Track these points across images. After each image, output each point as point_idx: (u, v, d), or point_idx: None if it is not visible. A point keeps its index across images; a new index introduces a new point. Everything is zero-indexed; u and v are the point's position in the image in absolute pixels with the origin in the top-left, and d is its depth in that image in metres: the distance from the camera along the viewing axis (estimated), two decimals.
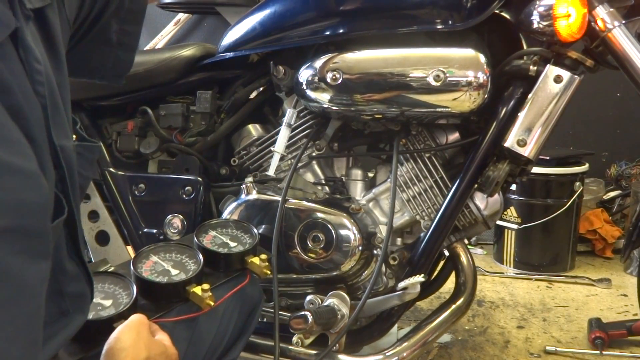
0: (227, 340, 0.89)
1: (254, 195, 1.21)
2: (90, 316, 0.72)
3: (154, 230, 1.33)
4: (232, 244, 0.95)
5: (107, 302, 0.77)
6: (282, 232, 1.16)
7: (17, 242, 0.41)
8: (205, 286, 0.85)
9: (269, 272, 0.94)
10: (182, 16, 3.08)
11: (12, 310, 0.40)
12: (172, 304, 0.85)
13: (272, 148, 1.24)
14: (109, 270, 0.85)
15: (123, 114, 1.39)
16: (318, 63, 1.14)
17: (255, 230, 0.99)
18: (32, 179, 0.43)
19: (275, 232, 1.13)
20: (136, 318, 0.70)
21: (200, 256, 0.90)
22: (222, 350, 0.89)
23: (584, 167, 2.37)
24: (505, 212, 2.39)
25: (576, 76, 1.05)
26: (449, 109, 1.09)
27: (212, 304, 0.84)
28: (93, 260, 1.33)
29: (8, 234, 0.41)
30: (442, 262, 1.31)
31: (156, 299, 0.84)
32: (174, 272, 0.86)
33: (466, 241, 1.27)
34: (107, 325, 0.72)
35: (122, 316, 0.74)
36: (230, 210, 1.21)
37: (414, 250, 1.19)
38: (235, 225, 1.00)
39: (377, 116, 1.16)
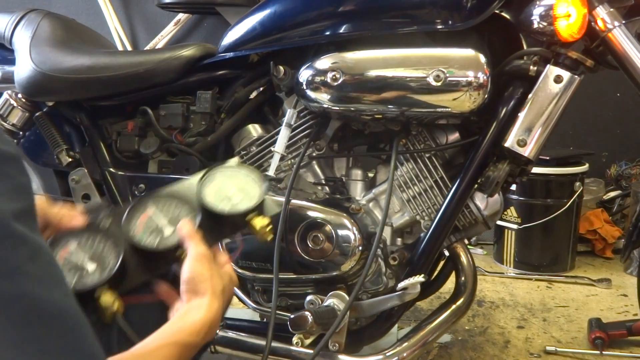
0: None
1: None
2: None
3: None
4: (237, 199, 0.85)
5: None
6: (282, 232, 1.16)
7: (33, 221, 0.45)
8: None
9: (269, 238, 0.85)
10: (182, 16, 3.08)
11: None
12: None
13: (272, 148, 1.24)
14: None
15: (123, 114, 1.39)
16: (318, 63, 1.14)
17: (265, 185, 0.87)
18: (20, 163, 0.46)
19: (279, 232, 1.13)
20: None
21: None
22: None
23: (584, 167, 2.37)
24: (505, 212, 2.39)
25: (576, 76, 1.05)
26: (449, 109, 1.09)
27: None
28: None
29: (26, 214, 0.44)
30: (442, 262, 1.31)
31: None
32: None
33: (466, 241, 1.27)
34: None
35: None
36: None
37: (414, 250, 1.19)
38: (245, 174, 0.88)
39: (377, 116, 1.16)
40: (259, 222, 0.83)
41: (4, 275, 0.40)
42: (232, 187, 0.85)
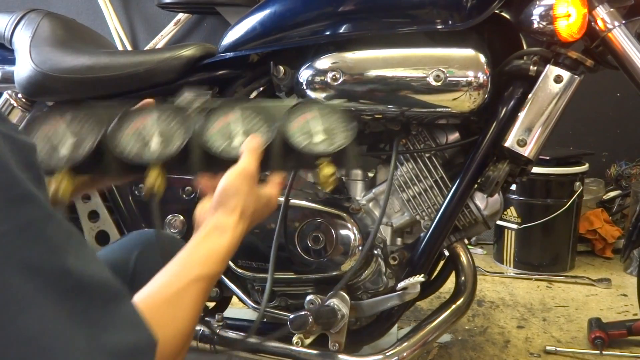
0: None
1: None
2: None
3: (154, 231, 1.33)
4: (318, 138, 0.81)
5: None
6: (283, 232, 1.17)
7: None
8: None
9: (328, 189, 0.82)
10: (182, 16, 3.08)
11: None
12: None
13: None
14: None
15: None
16: (318, 63, 1.14)
17: (350, 136, 0.82)
18: (37, 153, 0.48)
19: (277, 231, 1.13)
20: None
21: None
22: None
23: (584, 167, 2.37)
24: (505, 212, 2.39)
25: (576, 76, 1.05)
26: (449, 109, 1.09)
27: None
28: None
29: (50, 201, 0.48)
30: (442, 262, 1.31)
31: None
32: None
33: (466, 241, 1.27)
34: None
35: None
36: None
37: (414, 250, 1.19)
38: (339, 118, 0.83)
39: (377, 116, 1.16)
40: (325, 170, 0.80)
41: (52, 253, 0.42)
42: (319, 125, 0.83)
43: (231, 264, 1.24)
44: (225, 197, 0.69)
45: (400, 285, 1.13)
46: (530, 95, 1.07)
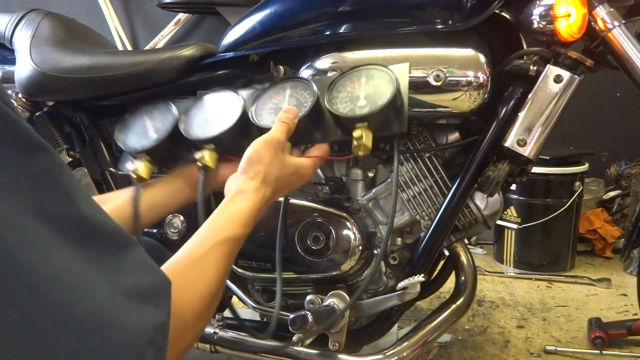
0: None
1: None
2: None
3: (154, 230, 1.33)
4: (361, 102, 0.83)
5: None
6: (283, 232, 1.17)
7: None
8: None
9: (358, 152, 0.84)
10: (182, 16, 3.08)
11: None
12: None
13: None
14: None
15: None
16: (318, 63, 1.14)
17: (389, 99, 0.83)
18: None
19: (279, 231, 1.13)
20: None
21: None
22: None
23: (584, 167, 2.37)
24: (505, 212, 2.39)
25: (576, 76, 1.05)
26: (449, 109, 1.09)
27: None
28: None
29: None
30: (442, 262, 1.31)
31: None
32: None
33: (466, 241, 1.27)
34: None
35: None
36: None
37: (414, 250, 1.19)
38: (388, 81, 0.85)
39: None
40: (358, 132, 0.82)
41: (66, 200, 0.44)
42: (364, 90, 0.85)
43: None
44: (247, 165, 0.73)
45: (400, 285, 1.13)
46: (530, 95, 1.07)
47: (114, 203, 0.88)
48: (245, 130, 0.85)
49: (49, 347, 0.38)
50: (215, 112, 0.87)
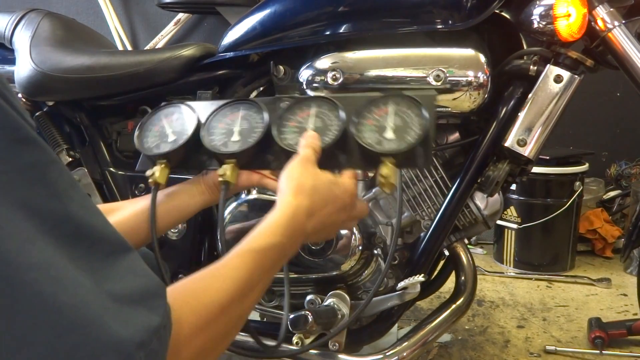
0: None
1: (254, 194, 1.21)
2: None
3: None
4: (388, 135, 0.79)
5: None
6: None
7: None
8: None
9: (385, 189, 0.79)
10: (182, 16, 3.08)
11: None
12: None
13: None
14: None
15: (123, 113, 1.39)
16: (318, 63, 1.15)
17: (419, 136, 0.78)
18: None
19: None
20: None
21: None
22: None
23: (584, 167, 2.37)
24: (505, 212, 2.39)
25: (576, 76, 1.05)
26: (449, 109, 1.09)
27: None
28: None
29: None
30: (442, 262, 1.31)
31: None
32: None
33: (466, 241, 1.27)
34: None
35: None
36: (229, 210, 1.21)
37: (414, 250, 1.19)
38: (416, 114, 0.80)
39: None
40: (385, 170, 0.78)
41: (52, 196, 0.42)
42: (392, 122, 0.80)
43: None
44: (281, 184, 0.74)
45: (400, 285, 1.13)
46: (530, 95, 1.07)
47: (135, 207, 0.87)
48: (267, 147, 0.84)
49: (23, 338, 0.37)
50: (238, 124, 0.86)
